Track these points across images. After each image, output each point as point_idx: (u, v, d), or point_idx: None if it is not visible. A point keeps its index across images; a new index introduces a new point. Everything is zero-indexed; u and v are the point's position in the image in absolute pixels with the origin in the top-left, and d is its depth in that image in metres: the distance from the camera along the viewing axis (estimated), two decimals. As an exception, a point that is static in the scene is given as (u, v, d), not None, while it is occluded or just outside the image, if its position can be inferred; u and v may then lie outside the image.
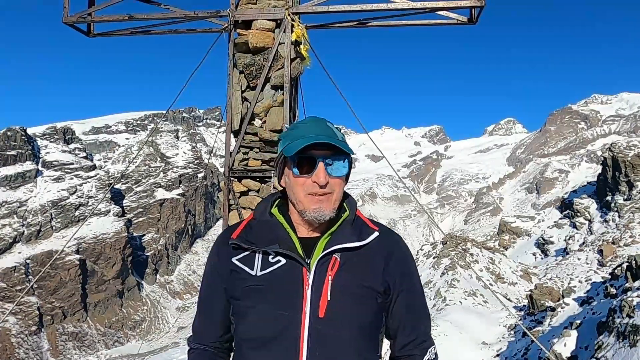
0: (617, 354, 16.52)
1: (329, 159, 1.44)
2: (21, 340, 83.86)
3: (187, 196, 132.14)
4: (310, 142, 1.40)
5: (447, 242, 51.79)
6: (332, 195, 1.45)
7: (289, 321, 1.39)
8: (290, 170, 1.46)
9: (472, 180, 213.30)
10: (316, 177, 1.42)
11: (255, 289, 1.44)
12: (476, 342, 32.60)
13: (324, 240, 1.47)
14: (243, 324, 1.47)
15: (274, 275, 1.44)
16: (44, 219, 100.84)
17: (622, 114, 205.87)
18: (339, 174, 1.46)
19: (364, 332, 1.46)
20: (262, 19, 5.26)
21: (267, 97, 5.26)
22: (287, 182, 1.51)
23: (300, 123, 1.53)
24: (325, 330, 1.39)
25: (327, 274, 1.42)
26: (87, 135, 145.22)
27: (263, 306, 1.42)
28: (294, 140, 1.44)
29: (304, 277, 1.43)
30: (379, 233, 1.52)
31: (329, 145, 1.42)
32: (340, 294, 1.41)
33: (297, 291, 1.41)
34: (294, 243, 1.47)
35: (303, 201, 1.45)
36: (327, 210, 1.45)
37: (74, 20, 5.89)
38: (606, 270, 42.19)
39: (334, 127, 1.49)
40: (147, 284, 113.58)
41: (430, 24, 5.69)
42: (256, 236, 1.49)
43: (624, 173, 63.95)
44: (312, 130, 1.44)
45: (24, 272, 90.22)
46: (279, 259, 1.45)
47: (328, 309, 1.40)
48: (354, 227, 1.50)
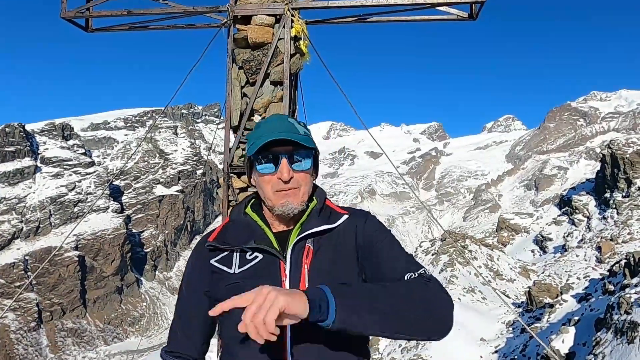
0: (615, 351, 16.57)
1: (292, 154, 1.46)
2: (20, 336, 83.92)
3: (186, 192, 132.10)
4: (269, 139, 1.43)
5: (446, 239, 51.85)
6: (298, 189, 1.48)
7: None
8: (256, 170, 1.50)
9: (471, 177, 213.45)
10: (280, 174, 1.45)
11: (235, 286, 1.43)
12: (474, 338, 32.69)
13: (295, 231, 1.50)
14: (228, 322, 1.46)
15: (252, 270, 1.46)
16: (42, 215, 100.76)
17: (621, 111, 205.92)
18: (303, 168, 1.49)
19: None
20: (262, 14, 5.23)
21: (266, 93, 5.24)
22: (255, 180, 1.54)
23: (262, 122, 1.55)
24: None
25: (302, 263, 1.45)
26: (85, 131, 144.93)
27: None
28: (257, 140, 1.47)
29: (281, 269, 1.45)
30: (348, 215, 1.55)
31: (290, 141, 1.45)
32: (317, 280, 1.41)
33: (275, 284, 1.38)
34: (269, 238, 1.50)
35: (271, 198, 1.48)
36: (294, 204, 1.47)
37: (71, 15, 5.86)
38: (604, 267, 42.28)
39: (296, 123, 1.51)
40: (146, 280, 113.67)
41: (431, 19, 5.66)
42: (232, 236, 1.53)
43: (623, 170, 64.01)
44: (273, 128, 1.47)
45: (23, 269, 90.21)
46: (255, 255, 1.48)
47: None
48: (323, 215, 1.53)
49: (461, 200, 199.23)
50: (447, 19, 5.59)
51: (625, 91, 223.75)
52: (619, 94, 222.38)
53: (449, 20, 5.61)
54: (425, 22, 5.79)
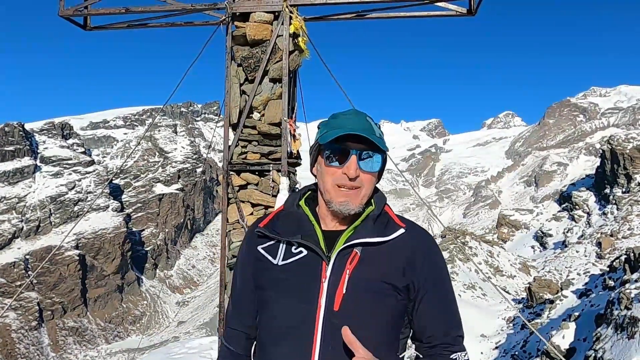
0: (615, 346, 16.59)
1: (363, 153, 1.42)
2: (21, 335, 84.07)
3: (186, 191, 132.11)
4: (345, 132, 1.39)
5: (446, 236, 51.88)
6: (360, 190, 1.43)
7: (305, 313, 1.39)
8: (323, 159, 1.46)
9: (471, 174, 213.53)
10: (347, 169, 1.40)
11: (276, 278, 1.44)
12: (475, 334, 32.76)
13: (346, 234, 1.45)
14: (264, 313, 1.48)
15: (294, 266, 1.44)
16: (42, 214, 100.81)
17: (621, 107, 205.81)
18: (371, 169, 1.44)
19: (381, 329, 1.42)
20: (260, 11, 5.22)
21: (265, 90, 5.23)
22: (318, 170, 1.50)
23: (340, 114, 1.50)
24: (340, 324, 1.35)
25: (345, 268, 1.40)
26: (85, 130, 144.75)
27: (281, 297, 1.43)
28: (331, 130, 1.42)
29: (322, 269, 1.41)
30: (404, 230, 1.47)
31: (364, 139, 1.40)
32: (357, 289, 1.38)
33: (314, 283, 1.40)
34: (317, 235, 1.46)
35: (330, 191, 1.43)
36: (353, 205, 1.42)
37: (70, 14, 5.84)
38: (604, 263, 42.35)
39: (373, 123, 1.46)
40: (146, 279, 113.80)
41: (430, 15, 5.64)
42: (282, 226, 1.50)
43: (623, 166, 64.01)
44: (351, 122, 1.42)
45: (24, 268, 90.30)
46: (300, 250, 1.45)
47: (343, 302, 1.37)
48: (379, 223, 1.47)
49: (461, 197, 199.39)
50: (446, 14, 5.58)
51: (625, 87, 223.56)
52: (619, 89, 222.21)
53: (448, 16, 5.60)
54: (424, 18, 5.78)
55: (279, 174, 5.10)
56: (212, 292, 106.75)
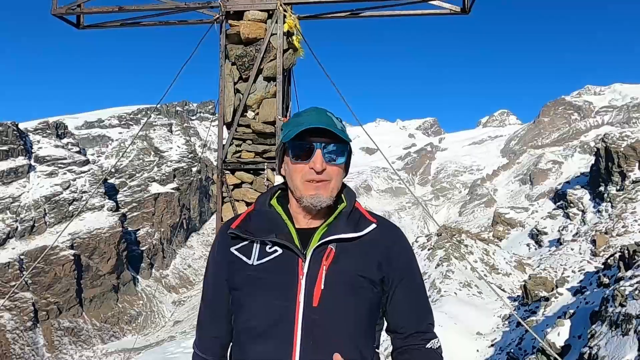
0: (610, 343, 16.69)
1: (327, 146, 1.45)
2: (16, 336, 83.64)
3: (182, 190, 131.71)
4: (307, 127, 1.42)
5: (442, 234, 51.99)
6: (329, 182, 1.46)
7: (284, 311, 1.40)
8: (289, 157, 1.48)
9: (467, 172, 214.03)
10: (313, 163, 1.43)
11: (252, 278, 1.45)
12: (471, 332, 32.85)
13: (320, 231, 1.48)
14: (240, 314, 1.48)
15: (270, 264, 1.45)
16: (37, 214, 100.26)
17: (615, 105, 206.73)
18: (337, 162, 1.47)
19: (359, 323, 1.46)
20: (254, 9, 5.21)
21: (259, 88, 5.22)
22: (286, 169, 1.52)
23: (302, 112, 1.53)
24: (320, 319, 1.39)
25: (321, 264, 1.43)
26: (79, 129, 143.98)
27: (258, 296, 1.44)
28: (294, 127, 1.46)
29: (299, 266, 1.43)
30: (376, 225, 1.51)
31: (327, 132, 1.43)
32: (335, 284, 1.42)
33: (291, 281, 1.42)
34: (291, 233, 1.48)
35: (300, 187, 1.46)
36: (324, 197, 1.45)
37: (62, 12, 5.81)
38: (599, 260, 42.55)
39: (334, 117, 1.49)
40: (142, 279, 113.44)
41: (424, 14, 5.65)
42: (255, 226, 1.50)
43: (617, 164, 64.31)
44: (312, 119, 1.45)
45: (18, 268, 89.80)
46: (275, 248, 1.46)
47: (322, 298, 1.40)
48: (351, 219, 1.50)
49: (457, 195, 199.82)
50: (440, 13, 5.58)
51: (619, 85, 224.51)
52: (613, 87, 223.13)
53: (442, 14, 5.60)
54: (419, 17, 5.78)
55: (273, 172, 5.10)
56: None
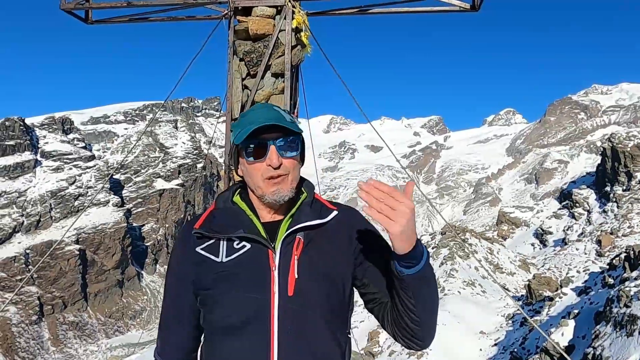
0: (614, 344, 16.62)
1: (280, 140, 1.45)
2: (22, 329, 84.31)
3: (187, 186, 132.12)
4: (257, 126, 1.42)
5: (446, 233, 51.90)
6: (287, 176, 1.46)
7: (259, 304, 1.40)
8: (245, 158, 1.48)
9: (471, 171, 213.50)
10: (269, 160, 1.43)
11: (223, 275, 1.44)
12: (474, 331, 32.82)
13: (286, 223, 1.49)
14: (213, 312, 1.46)
15: (240, 260, 1.44)
16: (43, 209, 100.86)
17: (622, 105, 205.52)
18: (291, 154, 1.47)
19: (334, 308, 1.47)
20: (263, 5, 5.20)
21: (267, 85, 5.21)
22: (243, 170, 1.52)
23: (248, 111, 1.54)
24: (296, 308, 1.40)
25: (292, 254, 1.44)
26: (85, 125, 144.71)
27: (232, 292, 1.42)
28: (244, 128, 1.45)
29: (270, 259, 1.44)
30: (337, 212, 1.55)
31: (278, 127, 1.43)
32: (308, 272, 1.43)
33: (264, 273, 1.42)
34: (257, 227, 1.48)
35: (261, 186, 1.46)
36: (285, 191, 1.46)
37: (71, 7, 5.82)
38: (604, 261, 42.34)
39: (282, 111, 1.51)
40: (146, 274, 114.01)
41: (433, 10, 5.61)
42: (219, 224, 1.50)
43: (623, 164, 63.93)
44: (260, 116, 1.46)
45: (24, 262, 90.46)
46: (243, 244, 1.46)
47: (297, 287, 1.41)
48: (313, 208, 1.53)
49: (461, 194, 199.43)
50: (449, 10, 5.55)
51: (627, 84, 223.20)
52: (620, 87, 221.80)
53: (452, 11, 5.56)
54: (427, 14, 5.75)
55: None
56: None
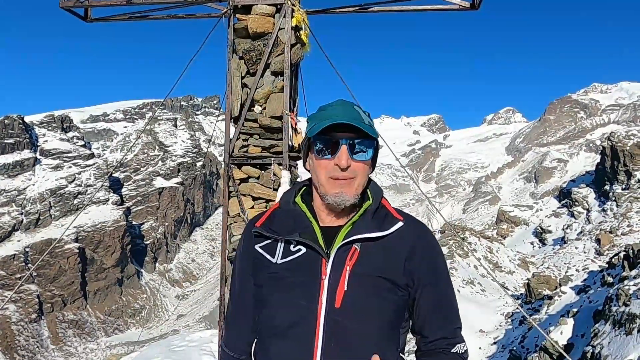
0: (613, 342, 16.65)
1: (353, 141, 1.38)
2: (21, 327, 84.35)
3: (186, 185, 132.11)
4: (333, 122, 1.36)
5: (446, 231, 51.94)
6: (354, 180, 1.40)
7: (306, 311, 1.36)
8: (314, 153, 1.43)
9: (471, 170, 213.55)
10: (338, 160, 1.37)
11: (275, 276, 1.42)
12: (474, 330, 32.89)
13: (345, 230, 1.42)
14: (263, 311, 1.45)
15: (294, 263, 1.41)
16: (42, 207, 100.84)
17: (622, 103, 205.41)
18: (363, 158, 1.41)
19: (383, 325, 1.40)
20: (262, 3, 5.19)
21: (267, 83, 5.21)
22: (310, 164, 1.47)
23: (327, 105, 1.47)
24: (342, 320, 1.35)
25: (345, 264, 1.38)
26: (85, 123, 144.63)
27: (281, 294, 1.41)
28: (319, 122, 1.40)
29: (322, 266, 1.39)
30: (403, 224, 1.45)
31: (354, 127, 1.36)
32: (358, 285, 1.37)
33: (314, 281, 1.38)
34: (315, 232, 1.44)
35: (324, 184, 1.40)
36: (348, 195, 1.39)
37: (71, 5, 5.81)
38: (603, 259, 42.41)
39: (361, 111, 1.43)
40: (146, 272, 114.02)
41: (433, 9, 5.61)
42: (279, 225, 1.47)
43: (623, 162, 63.99)
44: (338, 112, 1.39)
45: (24, 260, 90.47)
46: (299, 247, 1.43)
47: (345, 299, 1.35)
48: (377, 217, 1.45)
49: (461, 193, 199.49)
50: (449, 8, 5.55)
51: (627, 83, 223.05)
52: (620, 86, 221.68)
53: (451, 10, 5.56)
54: (427, 12, 5.74)
55: (280, 167, 5.09)
56: (212, 285, 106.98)
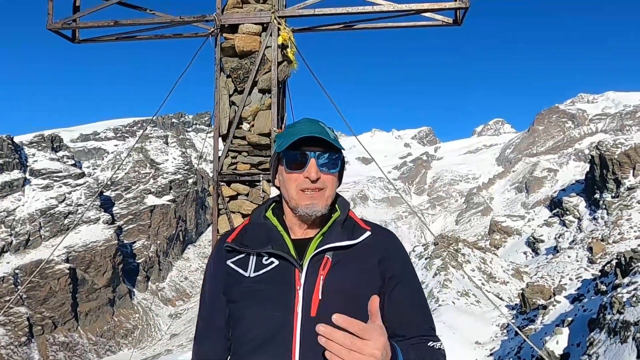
0: (609, 350, 16.67)
1: (321, 155, 1.46)
2: (11, 351, 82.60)
3: (178, 202, 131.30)
4: (301, 136, 1.43)
5: (439, 243, 51.97)
6: (324, 191, 1.47)
7: (282, 322, 1.39)
8: (283, 167, 1.49)
9: (462, 181, 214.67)
10: (308, 172, 1.44)
11: (249, 290, 1.44)
12: (469, 341, 32.72)
13: (316, 241, 1.47)
14: (238, 326, 1.47)
15: (267, 276, 1.44)
16: (32, 228, 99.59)
17: (609, 113, 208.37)
18: (331, 170, 1.48)
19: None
20: (249, 22, 5.26)
21: (254, 100, 5.25)
22: (280, 180, 1.53)
23: (295, 122, 1.55)
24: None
25: (318, 274, 1.42)
26: (75, 142, 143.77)
27: (256, 308, 1.42)
28: (287, 137, 1.47)
29: (296, 277, 1.42)
30: (370, 233, 1.52)
31: (321, 141, 1.45)
32: (332, 294, 1.40)
33: (289, 292, 1.41)
34: (287, 244, 1.47)
35: (295, 197, 1.46)
36: (319, 206, 1.46)
37: (58, 27, 5.84)
38: (596, 268, 42.60)
39: (327, 127, 1.51)
40: (138, 292, 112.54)
41: (416, 25, 5.72)
42: (250, 239, 1.50)
43: (612, 171, 64.69)
44: (305, 128, 1.46)
45: (13, 282, 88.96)
46: (272, 260, 1.46)
47: (320, 308, 1.38)
48: (346, 227, 1.50)
49: (453, 204, 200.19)
50: (432, 24, 5.65)
51: (613, 93, 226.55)
52: (606, 95, 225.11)
53: (434, 26, 5.67)
54: (412, 28, 5.85)
55: (269, 184, 5.11)
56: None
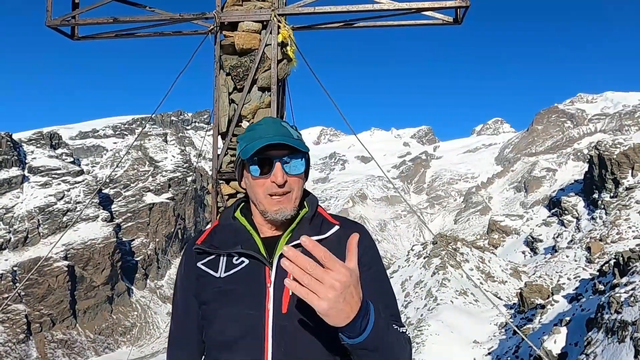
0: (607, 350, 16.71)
1: (286, 158, 1.46)
2: (9, 348, 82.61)
3: (177, 200, 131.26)
4: (265, 143, 1.43)
5: (438, 242, 52.02)
6: (291, 193, 1.47)
7: (253, 320, 1.40)
8: (249, 173, 1.49)
9: (461, 180, 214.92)
10: (274, 177, 1.44)
11: (220, 291, 1.45)
12: (468, 341, 32.79)
13: (285, 238, 1.49)
14: (211, 327, 1.47)
15: (238, 276, 1.45)
16: (31, 225, 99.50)
17: (607, 113, 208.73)
18: (296, 172, 1.48)
19: (332, 329, 1.36)
20: (248, 20, 5.24)
21: (254, 98, 5.24)
22: (247, 184, 1.53)
23: (256, 125, 1.54)
24: (290, 325, 1.39)
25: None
26: (74, 140, 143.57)
27: (229, 307, 1.43)
28: (251, 142, 1.46)
29: (266, 275, 1.44)
30: (339, 227, 1.53)
31: (285, 145, 1.45)
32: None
33: (260, 290, 1.42)
34: (256, 243, 1.49)
35: (263, 202, 1.47)
36: (288, 210, 1.47)
37: (57, 24, 5.82)
38: (594, 267, 42.67)
39: (289, 127, 1.52)
40: (137, 289, 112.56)
41: (416, 24, 5.70)
42: (220, 240, 1.52)
43: (610, 171, 64.72)
44: (268, 131, 1.47)
45: (11, 280, 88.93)
46: (242, 260, 1.47)
47: (291, 304, 1.39)
48: (314, 223, 1.52)
49: (452, 203, 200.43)
50: (432, 23, 5.64)
51: (611, 93, 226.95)
52: (605, 95, 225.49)
53: (435, 24, 5.66)
54: (412, 27, 5.83)
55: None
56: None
